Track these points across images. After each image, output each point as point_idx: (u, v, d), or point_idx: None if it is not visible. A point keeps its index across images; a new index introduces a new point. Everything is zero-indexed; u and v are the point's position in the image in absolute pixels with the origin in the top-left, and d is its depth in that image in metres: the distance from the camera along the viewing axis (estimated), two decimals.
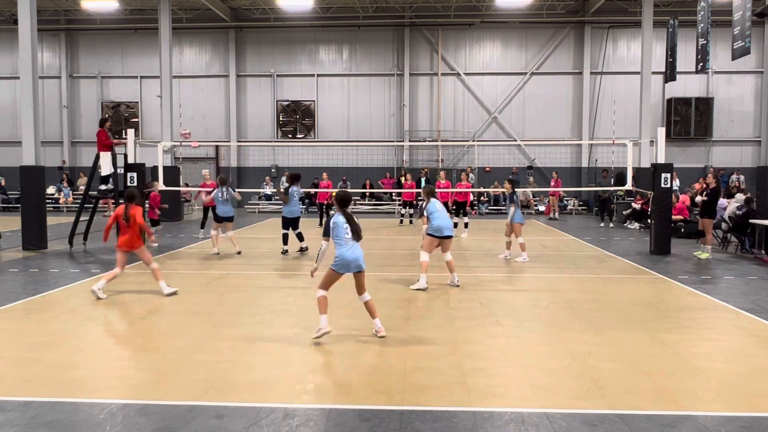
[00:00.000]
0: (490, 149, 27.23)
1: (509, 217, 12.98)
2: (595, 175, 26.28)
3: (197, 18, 27.65)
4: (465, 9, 27.04)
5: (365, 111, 28.13)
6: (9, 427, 4.68)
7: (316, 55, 28.31)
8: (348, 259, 6.96)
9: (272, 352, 6.55)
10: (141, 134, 27.32)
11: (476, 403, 5.16)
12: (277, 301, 9.17)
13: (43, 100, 27.14)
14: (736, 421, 4.84)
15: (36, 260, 12.86)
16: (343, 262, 6.97)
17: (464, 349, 6.61)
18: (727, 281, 10.77)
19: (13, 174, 21.05)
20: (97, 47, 28.92)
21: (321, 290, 7.04)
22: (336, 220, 7.00)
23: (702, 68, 17.68)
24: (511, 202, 13.01)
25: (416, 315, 8.20)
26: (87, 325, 7.68)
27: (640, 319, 8.03)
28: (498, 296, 9.50)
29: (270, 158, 28.31)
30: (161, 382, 5.66)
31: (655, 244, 14.06)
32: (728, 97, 26.96)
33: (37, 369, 5.97)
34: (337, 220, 7.00)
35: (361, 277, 7.14)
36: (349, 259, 6.96)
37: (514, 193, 12.99)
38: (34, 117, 14.60)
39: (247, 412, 4.96)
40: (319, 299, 7.00)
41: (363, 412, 4.98)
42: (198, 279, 10.83)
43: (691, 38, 22.21)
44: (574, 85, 27.50)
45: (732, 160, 26.81)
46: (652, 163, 15.09)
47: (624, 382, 5.67)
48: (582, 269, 12.00)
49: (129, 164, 14.81)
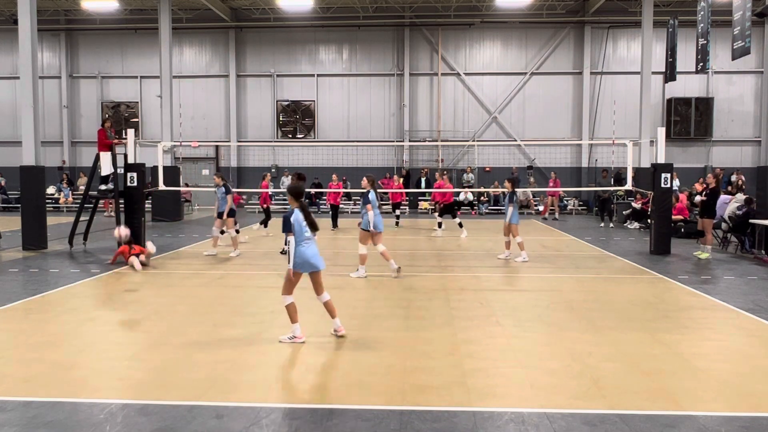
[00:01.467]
0: (490, 149, 27.23)
1: (507, 217, 12.98)
2: (595, 175, 26.28)
3: (197, 18, 27.65)
4: (465, 9, 27.03)
5: (365, 111, 28.13)
6: (9, 427, 4.68)
7: (316, 55, 28.31)
8: (308, 257, 6.77)
9: (272, 352, 6.55)
10: (141, 134, 27.32)
11: (476, 403, 5.16)
12: (277, 301, 9.13)
13: (43, 100, 27.14)
14: (736, 421, 4.84)
15: (36, 260, 12.86)
16: (302, 260, 6.76)
17: (464, 349, 6.61)
18: (727, 281, 10.77)
19: (13, 174, 21.06)
20: (97, 47, 28.92)
21: (288, 296, 6.81)
22: (296, 217, 6.73)
23: (702, 68, 17.68)
24: (510, 202, 12.98)
25: (416, 315, 8.20)
26: (87, 325, 7.68)
27: (640, 319, 8.04)
28: (498, 296, 9.50)
29: (270, 158, 28.31)
30: (161, 382, 5.66)
31: (655, 244, 14.07)
32: (728, 97, 26.96)
33: (37, 369, 5.97)
34: (297, 216, 6.74)
35: (318, 276, 6.96)
36: (309, 256, 6.78)
37: (514, 193, 12.97)
38: (34, 117, 14.60)
39: (247, 412, 4.96)
40: (289, 307, 6.80)
41: (363, 412, 4.98)
42: (198, 279, 10.84)
43: (691, 38, 22.22)
44: (574, 85, 27.50)
45: (732, 160, 26.80)
46: (652, 163, 15.09)
47: (624, 382, 5.67)
48: (582, 269, 12.00)
49: (129, 164, 14.80)
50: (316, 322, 7.85)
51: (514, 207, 12.89)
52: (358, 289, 9.93)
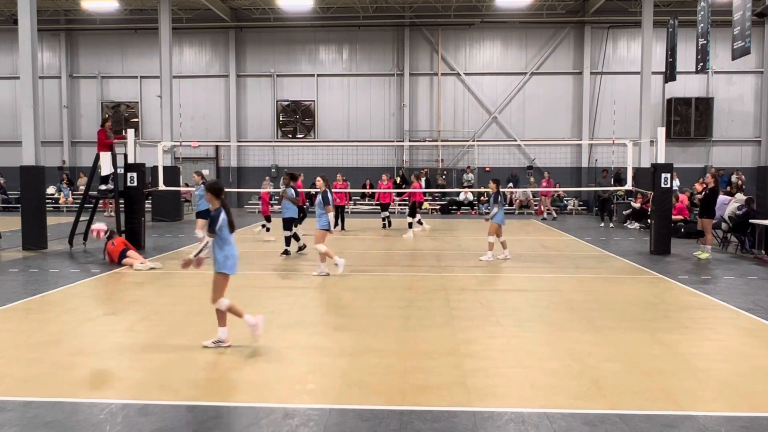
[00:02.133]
0: (490, 149, 27.23)
1: (491, 216, 12.86)
2: (595, 175, 26.28)
3: (197, 18, 27.64)
4: (465, 9, 27.03)
5: (365, 111, 28.13)
6: (9, 427, 4.68)
7: (316, 55, 28.31)
8: (237, 256, 6.71)
9: (272, 353, 6.54)
10: (141, 134, 27.30)
11: (476, 403, 5.16)
12: (277, 301, 9.17)
13: (43, 100, 27.14)
14: (736, 421, 4.84)
15: (36, 260, 12.86)
16: (234, 260, 6.67)
17: (464, 349, 6.61)
18: (727, 281, 10.77)
19: (13, 174, 21.06)
20: (97, 47, 28.91)
21: (224, 300, 6.64)
22: (223, 216, 6.57)
23: (702, 68, 17.68)
24: (495, 202, 12.86)
25: (416, 315, 8.19)
26: (87, 325, 7.68)
27: (640, 319, 8.03)
28: (498, 296, 9.51)
29: (270, 158, 28.31)
30: (161, 382, 5.66)
31: (655, 244, 14.06)
32: (728, 97, 26.95)
33: (37, 369, 5.97)
34: (223, 215, 6.57)
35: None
36: (237, 256, 6.72)
37: (499, 194, 12.88)
38: (34, 117, 14.59)
39: (247, 412, 4.96)
40: (230, 307, 6.64)
41: (363, 412, 4.98)
42: (198, 279, 10.83)
43: (691, 38, 22.21)
44: (574, 85, 27.49)
45: (732, 160, 26.80)
46: (652, 163, 15.09)
47: (624, 382, 5.67)
48: (582, 269, 12.00)
49: (129, 164, 14.81)
50: (315, 322, 7.85)
51: (500, 207, 12.80)
52: (358, 289, 9.93)
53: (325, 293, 9.75)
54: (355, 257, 13.10)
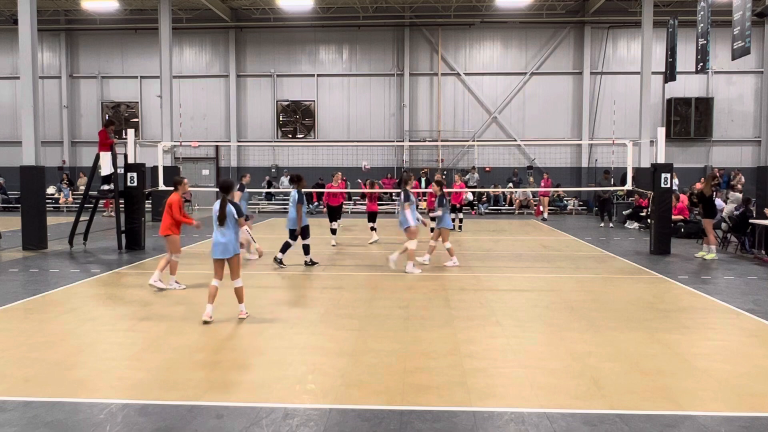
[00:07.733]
0: (490, 149, 27.24)
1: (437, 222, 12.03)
2: (595, 175, 26.27)
3: (197, 18, 27.64)
4: (465, 9, 27.03)
5: (365, 111, 28.13)
6: (9, 427, 4.68)
7: (316, 55, 28.30)
8: (217, 243, 7.69)
9: (272, 352, 6.55)
10: (141, 134, 27.31)
11: (476, 403, 5.16)
12: (277, 301, 9.17)
13: (43, 100, 27.15)
14: (736, 421, 4.85)
15: (36, 260, 12.86)
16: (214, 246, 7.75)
17: (464, 349, 6.61)
18: (727, 281, 10.78)
19: (13, 174, 21.04)
20: (97, 47, 28.91)
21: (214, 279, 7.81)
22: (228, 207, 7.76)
23: (702, 68, 17.68)
24: (440, 206, 11.95)
25: (416, 315, 8.20)
26: (87, 325, 7.68)
27: (640, 319, 8.03)
28: (498, 296, 9.51)
29: (270, 158, 28.31)
30: (161, 382, 5.66)
31: (655, 244, 14.07)
32: (728, 97, 26.95)
33: (37, 369, 5.97)
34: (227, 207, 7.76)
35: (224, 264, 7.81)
36: (214, 242, 7.72)
37: (443, 196, 12.02)
38: (34, 117, 14.60)
39: (247, 412, 4.96)
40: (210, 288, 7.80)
41: (363, 412, 4.98)
42: (198, 279, 10.83)
43: (691, 38, 22.21)
44: (574, 85, 27.49)
45: (732, 160, 26.79)
46: (652, 163, 15.09)
47: (624, 382, 5.67)
48: (582, 269, 12.00)
49: (129, 164, 14.82)
50: (315, 322, 7.86)
51: (444, 210, 11.99)
52: (358, 289, 9.94)
53: (326, 293, 9.75)
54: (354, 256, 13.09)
